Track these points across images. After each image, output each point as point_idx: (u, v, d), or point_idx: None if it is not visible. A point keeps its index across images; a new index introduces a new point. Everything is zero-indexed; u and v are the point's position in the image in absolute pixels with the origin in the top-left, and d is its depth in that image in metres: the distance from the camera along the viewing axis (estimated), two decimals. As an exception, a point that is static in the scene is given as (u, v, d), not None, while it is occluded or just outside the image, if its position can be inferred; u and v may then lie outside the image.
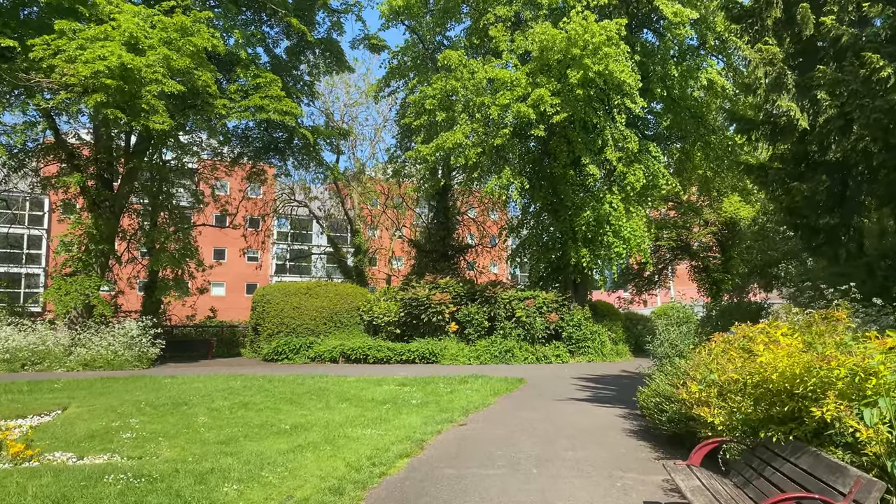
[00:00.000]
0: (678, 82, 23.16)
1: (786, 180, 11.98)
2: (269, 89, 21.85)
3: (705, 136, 24.47)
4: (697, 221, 37.43)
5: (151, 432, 9.59)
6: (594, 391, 14.74)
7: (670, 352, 9.48)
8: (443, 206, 30.53)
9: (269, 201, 37.73)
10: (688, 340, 9.45)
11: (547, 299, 22.54)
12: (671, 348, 9.48)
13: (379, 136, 36.31)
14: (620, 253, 21.93)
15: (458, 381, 15.69)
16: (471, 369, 19.44)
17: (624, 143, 20.22)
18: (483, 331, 22.57)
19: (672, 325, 9.87)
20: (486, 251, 41.91)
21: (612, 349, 23.68)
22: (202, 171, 33.28)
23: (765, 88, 10.94)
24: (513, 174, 20.22)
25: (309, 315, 23.04)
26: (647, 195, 23.77)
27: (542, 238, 24.47)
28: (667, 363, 9.19)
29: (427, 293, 22.65)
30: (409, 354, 21.52)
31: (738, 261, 35.74)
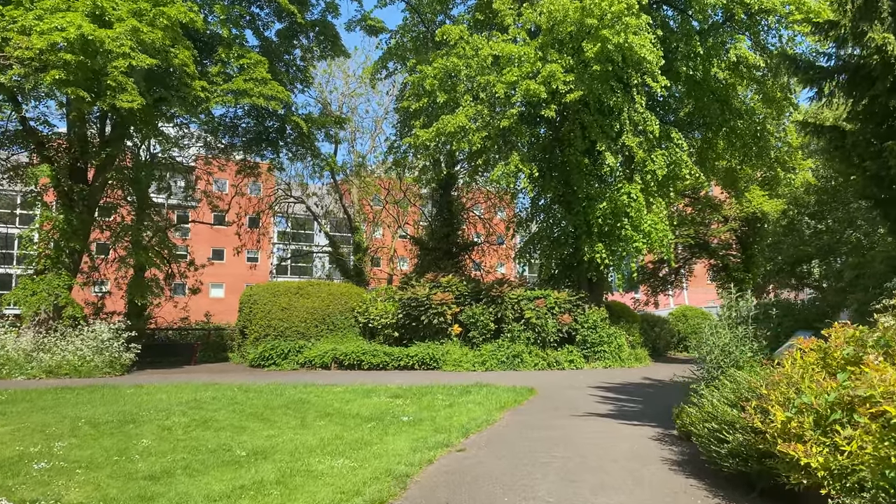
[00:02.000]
0: (702, 62, 21.19)
1: (871, 141, 9.83)
2: (254, 71, 20.02)
3: (730, 121, 22.42)
4: (716, 217, 35.40)
5: (73, 461, 7.70)
6: (617, 404, 12.75)
7: (723, 361, 7.52)
8: (446, 202, 28.62)
9: (265, 198, 35.95)
10: (745, 347, 7.50)
11: (559, 299, 20.57)
12: (724, 356, 7.52)
13: (379, 129, 34.45)
14: (640, 248, 19.92)
15: (459, 392, 13.74)
16: (475, 377, 17.49)
17: (644, 127, 18.23)
18: (489, 334, 20.61)
19: (723, 326, 7.89)
20: (492, 250, 39.97)
21: (631, 354, 21.67)
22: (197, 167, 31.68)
23: (851, 17, 8.91)
24: (522, 161, 18.25)
25: (299, 317, 21.15)
26: (668, 186, 21.77)
27: (553, 233, 22.49)
28: (719, 375, 7.25)
29: (427, 293, 20.72)
30: (408, 360, 19.59)
31: (760, 259, 33.72)
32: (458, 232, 29.80)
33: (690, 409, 7.01)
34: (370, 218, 37.09)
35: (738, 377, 6.52)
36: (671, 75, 20.01)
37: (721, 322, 7.89)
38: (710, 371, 7.69)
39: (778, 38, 20.84)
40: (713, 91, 22.10)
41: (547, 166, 21.42)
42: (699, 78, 22.25)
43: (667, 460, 7.49)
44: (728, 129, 22.83)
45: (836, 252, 22.31)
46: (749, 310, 7.76)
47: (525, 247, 23.21)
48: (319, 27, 25.20)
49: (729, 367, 7.31)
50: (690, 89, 22.15)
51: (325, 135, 28.31)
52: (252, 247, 36.39)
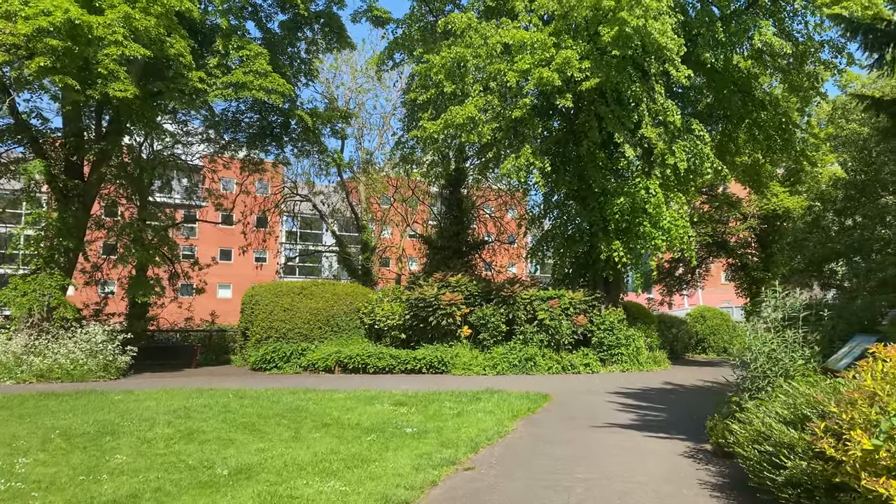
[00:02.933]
0: (723, 51, 20.16)
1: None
2: (254, 63, 19.19)
3: (753, 112, 21.34)
4: (734, 215, 34.26)
5: (33, 481, 6.84)
6: (639, 413, 11.78)
7: (769, 369, 6.56)
8: (456, 199, 27.65)
9: (271, 196, 35.17)
10: (796, 353, 6.54)
11: (574, 299, 19.58)
12: (771, 364, 6.55)
13: (387, 125, 33.50)
14: (659, 246, 18.88)
15: (468, 399, 12.82)
16: (485, 381, 16.56)
17: (664, 118, 17.23)
18: (500, 336, 19.64)
19: (769, 328, 6.91)
20: (503, 249, 38.98)
21: (649, 357, 20.63)
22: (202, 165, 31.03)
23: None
24: (533, 154, 17.28)
25: (302, 318, 20.28)
26: (688, 181, 20.75)
27: (566, 230, 21.48)
28: (766, 385, 6.31)
29: (436, 293, 19.78)
30: (415, 363, 18.67)
31: (781, 258, 32.55)
32: (468, 230, 28.82)
33: (735, 426, 6.03)
34: (378, 217, 36.21)
35: (794, 390, 5.55)
36: (691, 65, 18.99)
37: (766, 324, 6.91)
38: (753, 380, 6.71)
39: (804, 24, 19.79)
40: (734, 81, 21.04)
41: (560, 160, 20.44)
42: (720, 67, 21.22)
43: (706, 484, 6.53)
44: (750, 122, 21.75)
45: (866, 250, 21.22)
46: (799, 310, 6.78)
47: (537, 245, 22.20)
48: (324, 18, 24.33)
49: (777, 376, 6.35)
50: (710, 80, 21.11)
51: (330, 130, 27.47)
52: (258, 247, 35.64)
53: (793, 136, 20.80)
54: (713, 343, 29.42)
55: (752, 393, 6.59)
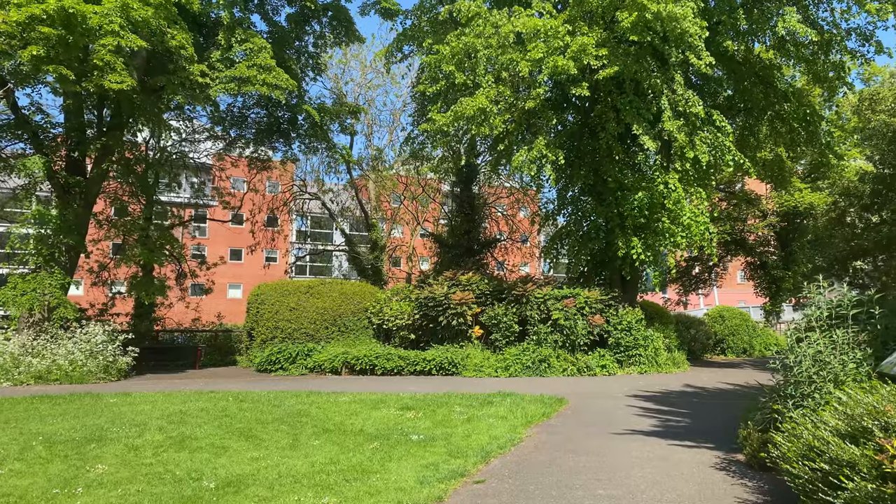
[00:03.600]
0: (744, 40, 19.40)
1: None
2: (258, 57, 18.61)
3: (775, 104, 20.52)
4: (753, 212, 33.38)
5: (3, 494, 6.26)
6: (661, 418, 11.06)
7: (816, 374, 5.82)
8: (467, 196, 26.96)
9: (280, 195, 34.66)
10: (847, 356, 5.80)
11: (590, 298, 18.85)
12: (818, 368, 5.82)
13: (397, 122, 32.85)
14: (679, 243, 18.11)
15: (479, 403, 12.14)
16: (497, 383, 15.88)
17: (685, 108, 16.45)
18: (513, 336, 18.95)
19: (813, 327, 6.17)
20: (516, 248, 38.25)
21: (668, 358, 19.85)
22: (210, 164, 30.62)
23: None
24: (547, 147, 16.57)
25: (308, 318, 19.69)
26: (708, 175, 19.95)
27: (582, 227, 20.74)
28: (812, 392, 5.59)
29: (446, 291, 19.12)
30: (425, 364, 18.01)
31: (801, 255, 31.65)
32: (479, 228, 28.13)
33: (778, 438, 5.32)
34: (388, 215, 35.59)
35: (850, 398, 4.84)
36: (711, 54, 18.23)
37: (811, 322, 6.17)
38: (797, 386, 5.97)
39: (830, 10, 18.91)
40: (756, 72, 20.25)
41: (576, 154, 19.70)
42: (741, 58, 20.45)
43: (745, 503, 5.82)
44: (772, 114, 20.93)
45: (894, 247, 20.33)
46: (848, 307, 6.04)
47: (551, 242, 21.44)
48: (332, 11, 23.77)
49: (825, 381, 5.63)
50: (730, 71, 20.31)
51: (339, 126, 26.99)
52: (267, 246, 35.17)
53: (818, 129, 19.93)
54: (732, 344, 28.54)
55: (797, 400, 5.87)
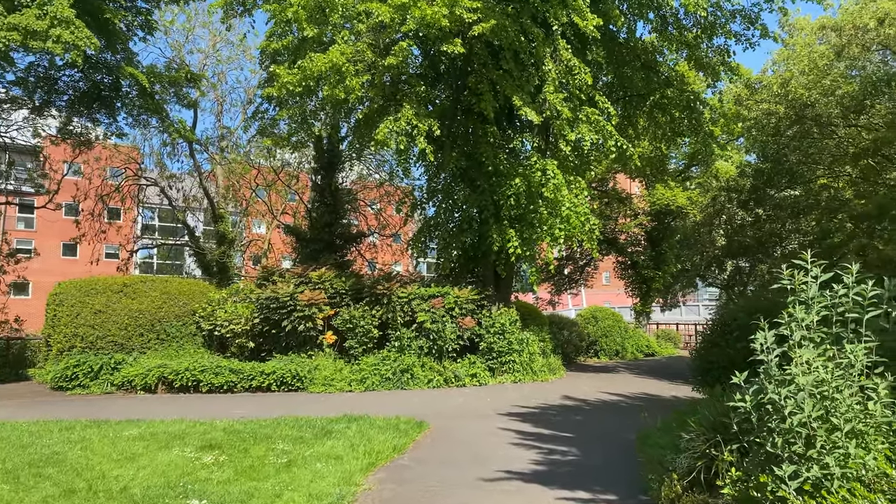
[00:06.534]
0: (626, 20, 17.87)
1: None
2: (51, 5, 14.80)
3: (657, 90, 19.17)
4: (625, 211, 32.73)
5: None
6: (543, 448, 8.72)
7: (820, 430, 3.48)
8: (328, 184, 23.91)
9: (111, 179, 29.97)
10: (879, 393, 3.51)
11: (460, 298, 16.52)
12: (823, 416, 3.47)
13: (252, 100, 29.03)
14: (558, 236, 16.15)
15: (314, 433, 9.33)
16: (349, 401, 13.13)
17: (570, 80, 14.47)
18: (371, 343, 16.25)
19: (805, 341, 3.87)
20: (387, 246, 35.64)
21: (544, 364, 17.93)
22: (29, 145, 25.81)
23: None
24: (417, 116, 13.98)
25: (119, 323, 15.97)
26: (589, 162, 18.27)
27: (453, 217, 18.39)
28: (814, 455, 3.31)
29: (292, 291, 16.10)
30: (263, 379, 14.86)
31: (671, 255, 31.31)
32: (342, 221, 25.14)
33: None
34: (241, 205, 31.79)
35: None
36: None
37: (794, 331, 3.89)
38: (785, 444, 3.63)
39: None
40: (638, 55, 18.83)
41: (447, 134, 17.31)
42: (622, 39, 18.96)
43: None
44: (653, 102, 19.60)
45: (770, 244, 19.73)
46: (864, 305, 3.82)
47: (419, 235, 18.86)
48: (164, -42, 20.09)
49: (844, 443, 3.33)
50: (612, 53, 18.74)
51: (175, 96, 23.08)
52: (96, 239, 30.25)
53: (700, 116, 18.75)
54: (606, 346, 27.41)
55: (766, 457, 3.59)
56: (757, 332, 4.17)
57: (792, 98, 17.88)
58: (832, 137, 18.83)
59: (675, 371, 20.38)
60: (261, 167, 30.64)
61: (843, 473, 3.25)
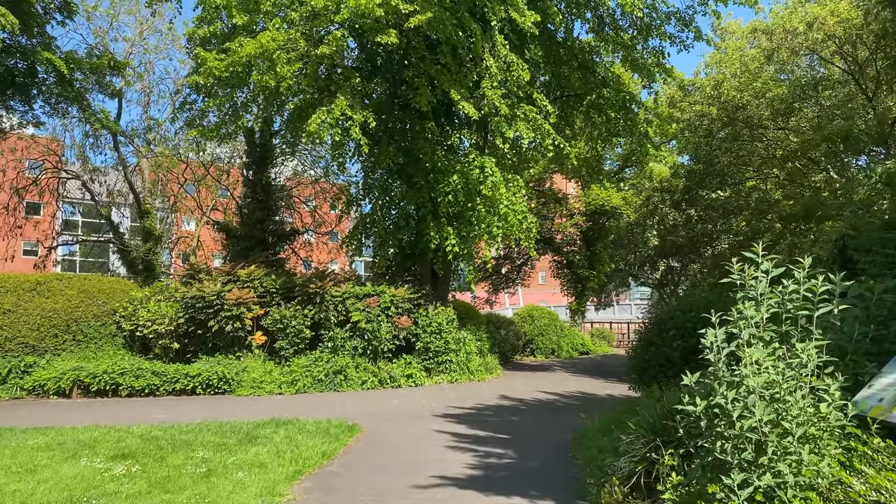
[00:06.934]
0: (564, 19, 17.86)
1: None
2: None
3: (594, 90, 19.25)
4: (561, 211, 33.00)
5: None
6: (479, 451, 8.47)
7: (770, 434, 3.27)
8: (259, 178, 23.12)
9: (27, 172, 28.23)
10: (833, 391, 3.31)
11: (396, 297, 16.16)
12: (776, 421, 3.23)
13: (178, 88, 27.76)
14: (496, 234, 15.97)
15: (238, 439, 8.82)
16: (279, 404, 12.61)
17: (508, 76, 14.30)
18: (303, 343, 15.70)
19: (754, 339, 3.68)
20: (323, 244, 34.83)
21: (481, 363, 17.76)
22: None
23: None
24: (352, 107, 13.52)
25: (30, 323, 14.90)
26: (527, 160, 18.16)
27: (390, 214, 17.99)
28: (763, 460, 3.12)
29: (219, 289, 15.41)
30: (188, 382, 14.14)
31: (605, 255, 31.74)
32: (275, 217, 24.36)
33: None
34: (170, 201, 30.49)
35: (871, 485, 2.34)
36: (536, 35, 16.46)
37: (743, 329, 3.69)
38: (734, 450, 3.42)
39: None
40: (575, 55, 18.87)
41: (384, 129, 16.90)
42: (560, 38, 18.98)
43: None
44: (590, 102, 19.67)
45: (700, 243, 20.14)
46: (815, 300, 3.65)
47: (353, 232, 18.38)
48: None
49: (797, 448, 3.15)
50: (549, 52, 18.73)
51: (98, 84, 21.88)
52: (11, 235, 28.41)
53: (636, 117, 18.93)
54: (542, 344, 27.55)
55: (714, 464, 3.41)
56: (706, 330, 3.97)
57: (724, 100, 18.24)
58: (761, 140, 19.34)
59: (610, 369, 20.57)
60: (190, 161, 29.45)
61: (797, 482, 3.08)
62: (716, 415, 3.54)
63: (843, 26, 15.91)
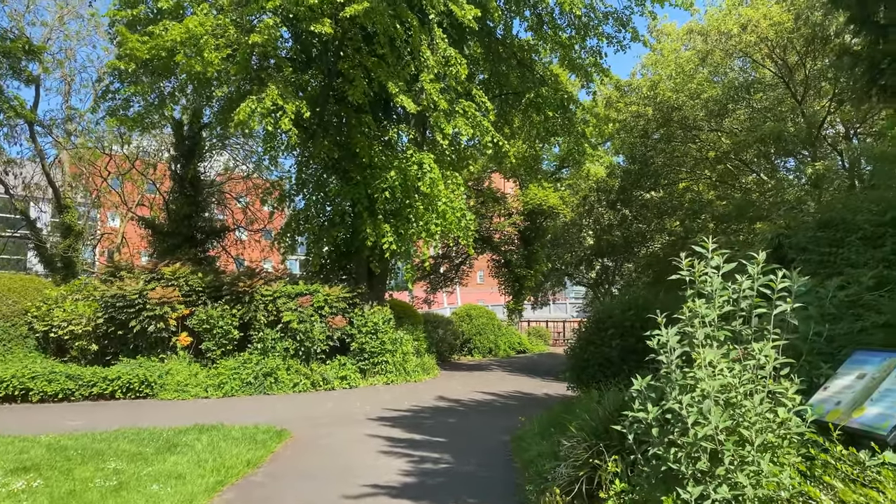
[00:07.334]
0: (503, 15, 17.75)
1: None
2: None
3: (532, 89, 19.20)
4: (499, 210, 33.05)
5: None
6: (414, 456, 8.15)
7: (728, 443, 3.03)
8: (187, 172, 22.13)
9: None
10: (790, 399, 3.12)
11: (330, 296, 15.65)
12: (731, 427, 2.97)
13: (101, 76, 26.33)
14: (434, 232, 15.68)
15: (157, 447, 8.23)
16: (204, 409, 11.96)
17: (447, 70, 14.01)
18: (231, 345, 15.02)
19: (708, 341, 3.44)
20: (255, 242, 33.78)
21: (418, 364, 17.43)
22: None
23: None
24: (283, 97, 12.95)
25: (-72, 324, 13.79)
26: (466, 157, 17.93)
27: (324, 210, 17.45)
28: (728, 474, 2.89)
29: (141, 288, 14.58)
30: (106, 385, 13.30)
31: (542, 254, 31.95)
32: (204, 214, 23.38)
33: None
34: (92, 195, 28.97)
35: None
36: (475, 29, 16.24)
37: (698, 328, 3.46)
38: (688, 459, 3.19)
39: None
40: (514, 53, 18.78)
41: (319, 122, 16.35)
42: (499, 36, 18.85)
43: None
44: (528, 101, 19.61)
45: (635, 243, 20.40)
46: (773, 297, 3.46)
47: (286, 228, 17.73)
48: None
49: (755, 458, 2.93)
50: (489, 49, 18.58)
51: (12, 69, 20.53)
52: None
53: (574, 117, 18.96)
54: (479, 344, 27.45)
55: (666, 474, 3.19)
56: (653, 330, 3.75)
57: (660, 100, 18.48)
58: (695, 142, 19.72)
59: (547, 368, 20.58)
60: (114, 154, 28.04)
61: (756, 494, 2.87)
62: (668, 420, 3.32)
63: (775, 29, 16.35)
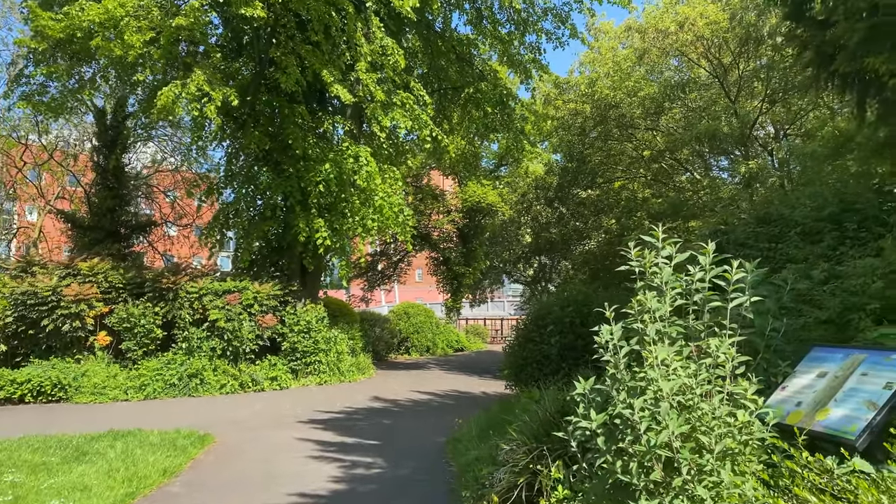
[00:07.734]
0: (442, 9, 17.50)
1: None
2: None
3: (472, 84, 18.98)
4: (438, 208, 32.83)
5: None
6: (346, 461, 7.74)
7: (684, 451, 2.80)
8: (109, 163, 20.97)
9: None
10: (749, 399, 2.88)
11: (260, 294, 15.01)
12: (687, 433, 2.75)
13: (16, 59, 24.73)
14: (370, 227, 15.25)
15: (64, 457, 7.56)
16: (122, 413, 11.22)
17: (384, 60, 13.60)
18: (154, 344, 14.20)
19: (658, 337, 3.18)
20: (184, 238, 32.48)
21: (352, 363, 16.96)
22: None
23: None
24: (210, 83, 12.26)
25: None
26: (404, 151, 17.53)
27: (255, 203, 16.77)
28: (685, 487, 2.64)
29: (55, 284, 13.61)
30: (14, 389, 12.34)
31: (481, 252, 31.90)
32: (128, 208, 22.22)
33: None
34: (7, 187, 27.24)
35: None
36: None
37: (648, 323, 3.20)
38: (641, 470, 2.92)
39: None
40: (453, 46, 18.52)
41: (250, 112, 15.65)
42: (438, 30, 18.57)
43: None
44: (467, 96, 19.40)
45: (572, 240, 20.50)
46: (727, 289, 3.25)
47: (214, 222, 16.92)
48: None
49: (715, 466, 2.68)
50: (428, 42, 18.26)
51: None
52: None
53: (513, 113, 18.84)
54: (417, 342, 27.17)
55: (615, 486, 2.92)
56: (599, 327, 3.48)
57: (598, 98, 18.58)
58: (631, 140, 19.94)
59: (485, 366, 20.46)
60: (31, 144, 26.42)
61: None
62: (616, 426, 3.06)
63: (711, 28, 16.63)
